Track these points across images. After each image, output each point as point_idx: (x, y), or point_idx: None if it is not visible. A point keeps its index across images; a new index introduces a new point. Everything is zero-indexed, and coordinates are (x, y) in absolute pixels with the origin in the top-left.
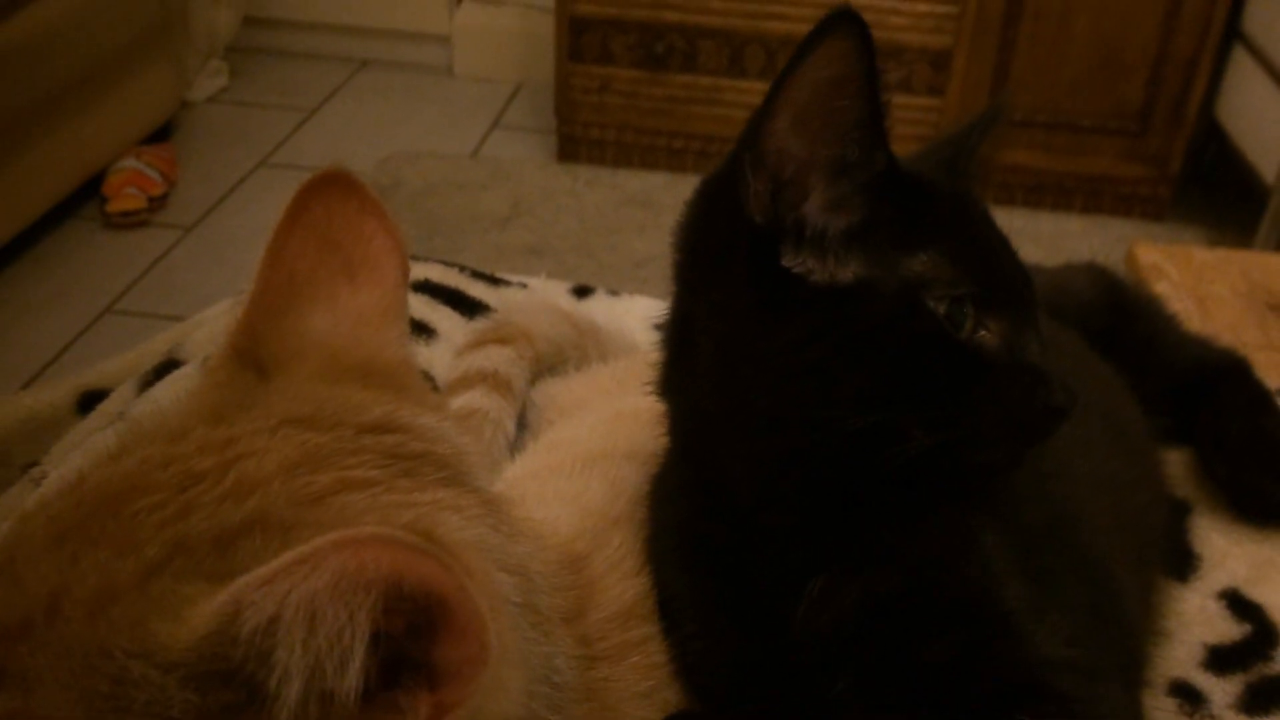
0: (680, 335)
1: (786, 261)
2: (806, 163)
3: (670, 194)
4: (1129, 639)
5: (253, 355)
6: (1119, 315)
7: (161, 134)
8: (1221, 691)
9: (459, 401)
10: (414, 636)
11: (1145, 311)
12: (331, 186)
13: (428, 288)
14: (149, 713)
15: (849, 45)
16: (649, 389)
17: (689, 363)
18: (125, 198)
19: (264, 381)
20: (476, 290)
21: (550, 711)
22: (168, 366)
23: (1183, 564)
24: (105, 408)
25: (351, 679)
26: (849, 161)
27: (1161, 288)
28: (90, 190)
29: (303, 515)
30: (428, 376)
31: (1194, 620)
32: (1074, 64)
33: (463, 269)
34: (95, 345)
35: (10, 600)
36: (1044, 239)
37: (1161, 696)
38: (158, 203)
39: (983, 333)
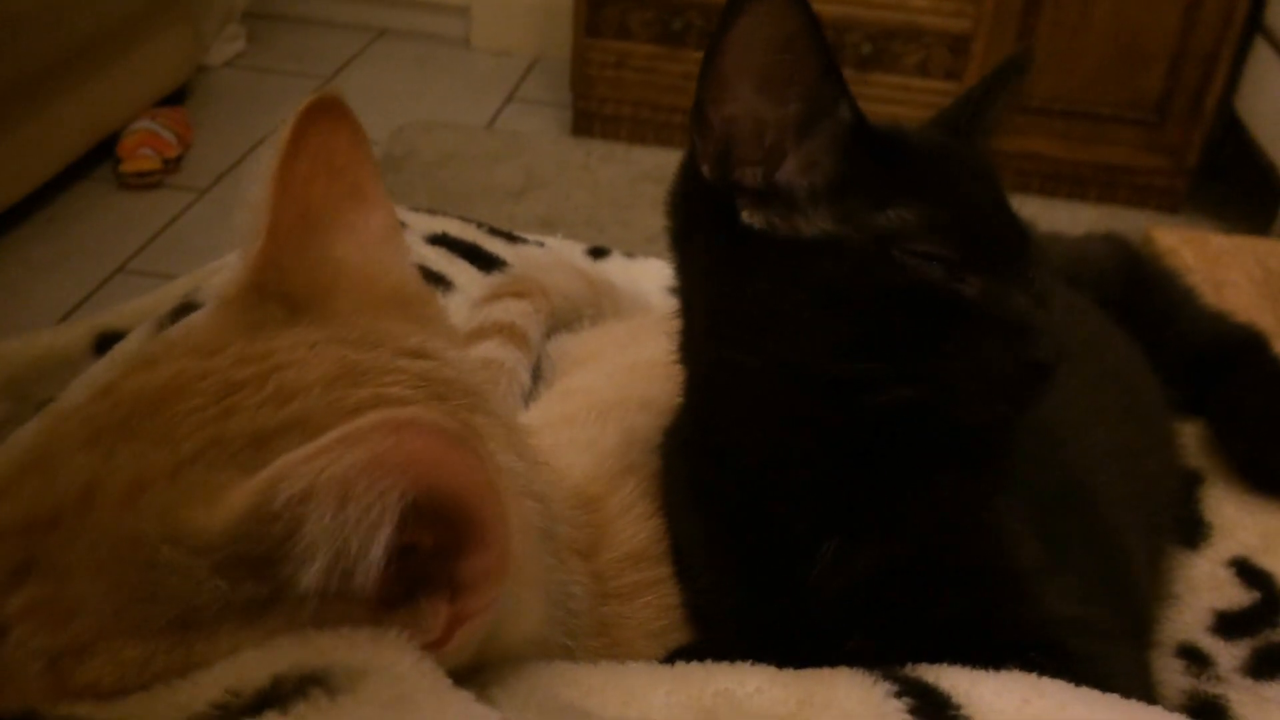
0: (681, 300)
1: (746, 218)
2: (762, 122)
3: None
4: (1137, 602)
5: (279, 289)
6: (1136, 286)
7: (177, 97)
8: (1228, 655)
9: (475, 351)
10: (438, 542)
11: (1162, 283)
12: (326, 113)
13: (445, 241)
14: (176, 599)
15: (781, 1)
16: (672, 356)
17: (688, 326)
18: (140, 159)
19: (294, 314)
20: (494, 246)
21: (566, 637)
22: (185, 310)
23: (1193, 532)
24: (123, 348)
25: (374, 560)
26: (809, 117)
27: None
28: (105, 151)
29: (342, 423)
30: None
31: (1203, 586)
32: (1093, 53)
33: (480, 225)
34: (106, 304)
35: (42, 492)
36: (1058, 228)
37: (1169, 658)
38: (172, 165)
39: (958, 286)
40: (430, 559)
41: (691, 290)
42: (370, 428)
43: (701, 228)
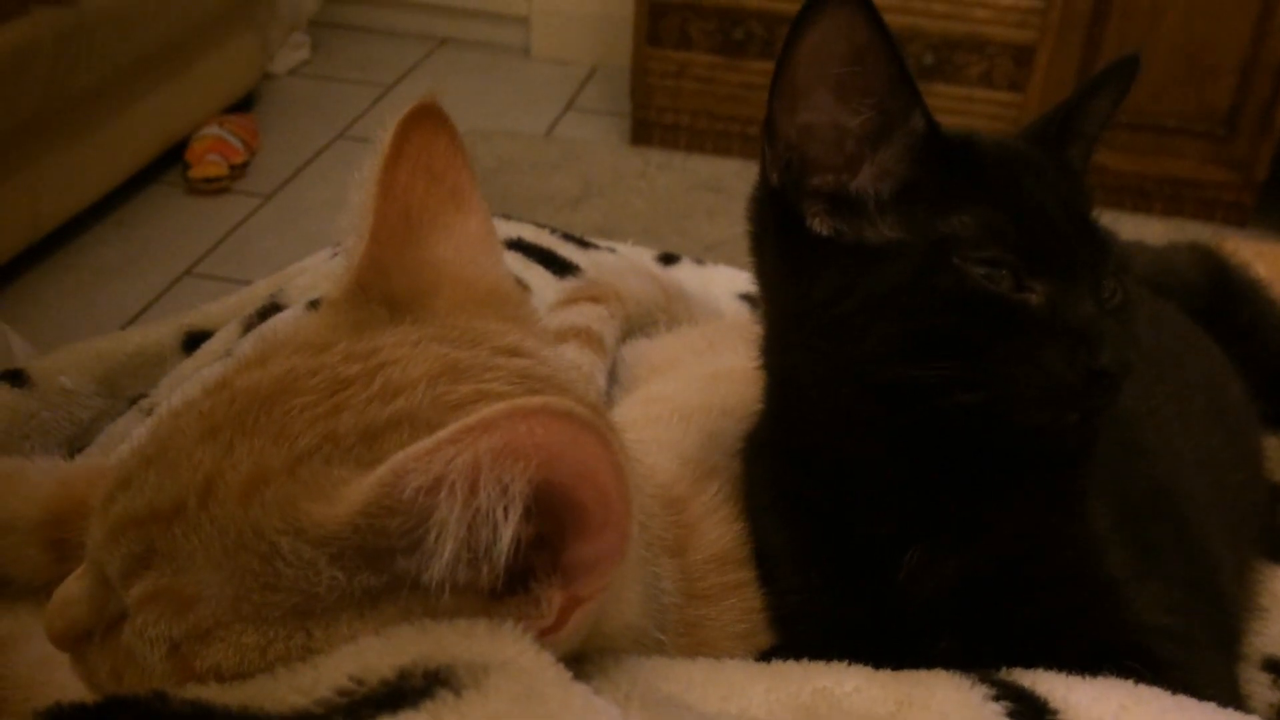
0: (761, 305)
1: (816, 225)
2: (839, 131)
3: (742, 180)
4: (1225, 612)
5: (381, 290)
6: (1222, 296)
7: (244, 104)
8: None
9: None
10: (539, 533)
11: (1248, 294)
12: (427, 119)
13: (520, 246)
14: (296, 589)
15: (849, 12)
16: (754, 362)
17: (767, 331)
18: (207, 164)
19: (395, 314)
20: (567, 251)
21: (659, 631)
22: (270, 310)
23: (1277, 546)
24: (210, 346)
25: (502, 549)
26: (883, 126)
27: None
28: (174, 156)
29: (446, 418)
30: None
31: None
32: (1161, 64)
33: (553, 230)
34: (174, 307)
35: (163, 485)
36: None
37: (1255, 670)
38: (239, 170)
39: (1023, 293)
40: (531, 550)
41: (766, 295)
42: (502, 415)
43: (771, 233)
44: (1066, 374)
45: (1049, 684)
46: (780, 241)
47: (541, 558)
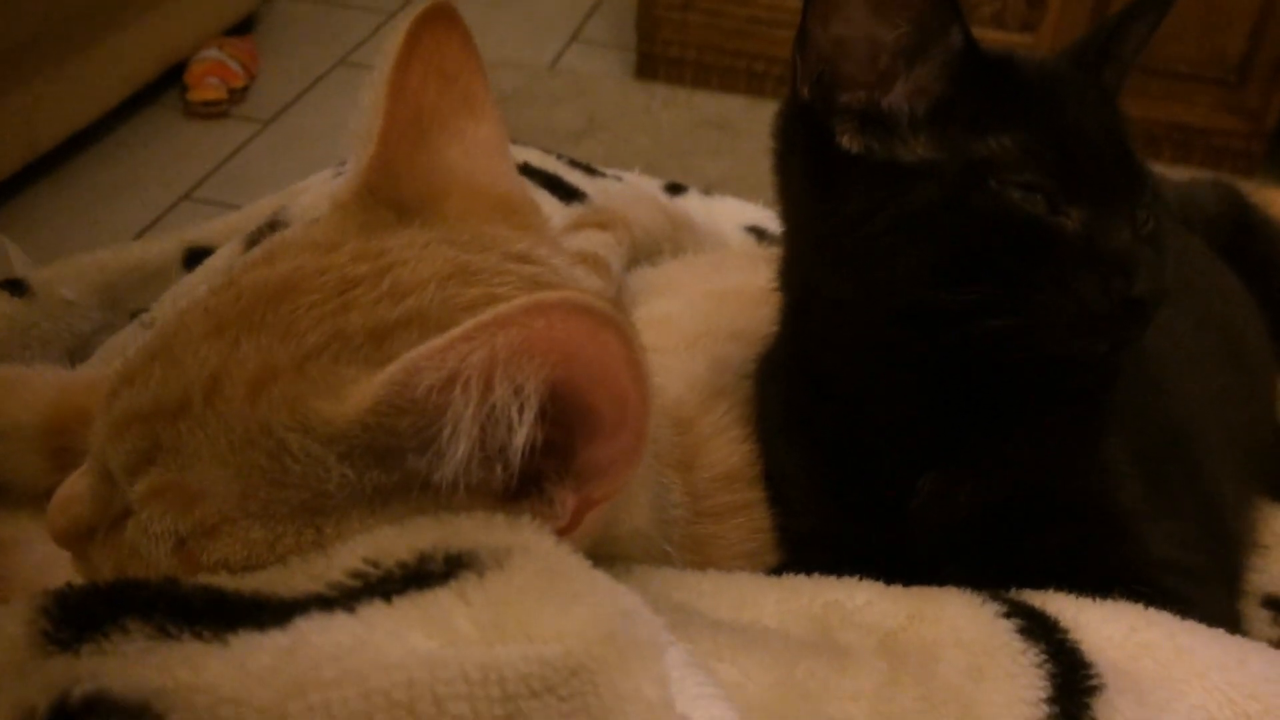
0: (783, 225)
1: (845, 142)
2: (874, 45)
3: (747, 118)
4: (1230, 549)
5: (390, 193)
6: (1242, 233)
7: (244, 27)
8: None
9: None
10: (549, 438)
11: (1268, 232)
12: (440, 20)
13: (527, 170)
14: (305, 485)
15: None
16: (772, 284)
17: (788, 252)
18: (206, 88)
19: (404, 218)
20: (574, 178)
21: (666, 543)
22: (272, 227)
23: None
24: (212, 263)
25: (518, 444)
26: (920, 42)
27: None
28: (172, 78)
29: (456, 319)
30: None
31: None
32: (1174, 10)
33: (560, 156)
34: (169, 232)
35: (169, 381)
36: None
37: (1255, 608)
38: (238, 94)
39: (1055, 217)
40: (542, 455)
41: (789, 214)
42: (519, 310)
43: (799, 150)
44: (1100, 301)
45: (1059, 604)
46: (808, 158)
47: (551, 462)
